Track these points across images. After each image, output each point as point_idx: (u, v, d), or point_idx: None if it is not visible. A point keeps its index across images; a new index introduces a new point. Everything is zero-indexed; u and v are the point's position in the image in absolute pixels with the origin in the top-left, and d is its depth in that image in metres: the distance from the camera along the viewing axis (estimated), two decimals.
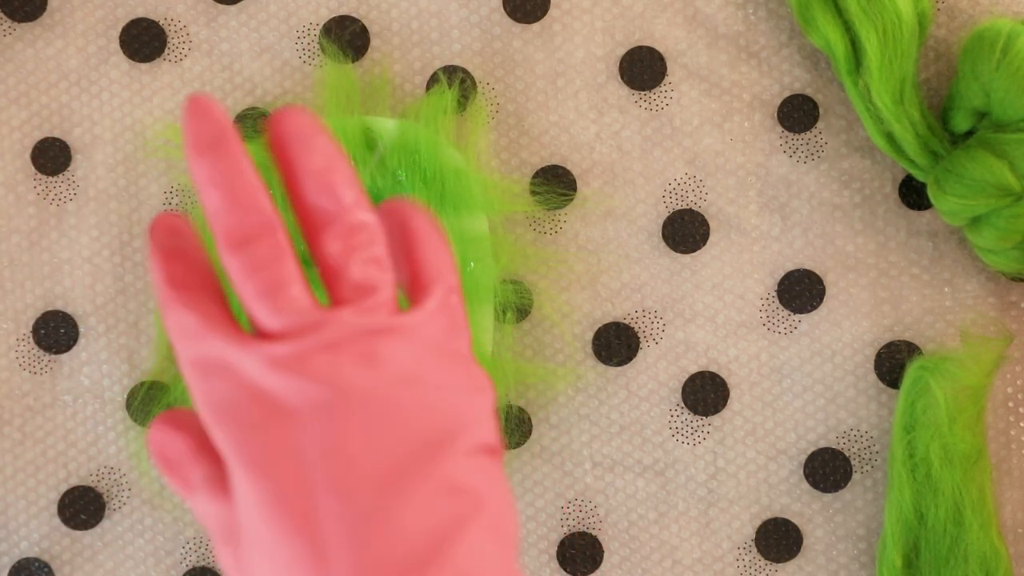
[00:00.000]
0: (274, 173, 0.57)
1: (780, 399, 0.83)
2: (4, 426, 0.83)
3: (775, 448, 0.83)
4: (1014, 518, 0.83)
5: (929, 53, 0.83)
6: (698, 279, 0.83)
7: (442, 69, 0.83)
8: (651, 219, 0.83)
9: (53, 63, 0.84)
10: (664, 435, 0.83)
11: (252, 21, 0.84)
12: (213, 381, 0.55)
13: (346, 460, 0.53)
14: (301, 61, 0.83)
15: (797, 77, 0.84)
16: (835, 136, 0.83)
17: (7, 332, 0.83)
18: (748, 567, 0.83)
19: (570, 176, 0.83)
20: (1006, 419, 0.83)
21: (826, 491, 0.83)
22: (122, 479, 0.83)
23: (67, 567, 0.83)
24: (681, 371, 0.83)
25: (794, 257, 0.83)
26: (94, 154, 0.83)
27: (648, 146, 0.84)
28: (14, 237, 0.83)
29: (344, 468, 0.53)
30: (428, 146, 0.81)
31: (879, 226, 0.83)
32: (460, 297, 0.58)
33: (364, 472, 0.53)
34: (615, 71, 0.84)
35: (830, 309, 0.83)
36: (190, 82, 0.83)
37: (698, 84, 0.83)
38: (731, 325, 0.83)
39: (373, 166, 0.80)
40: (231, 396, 0.54)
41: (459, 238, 0.81)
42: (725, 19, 0.83)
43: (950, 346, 0.83)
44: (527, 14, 0.83)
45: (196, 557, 0.83)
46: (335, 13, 0.83)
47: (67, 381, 0.83)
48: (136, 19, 0.83)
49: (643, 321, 0.83)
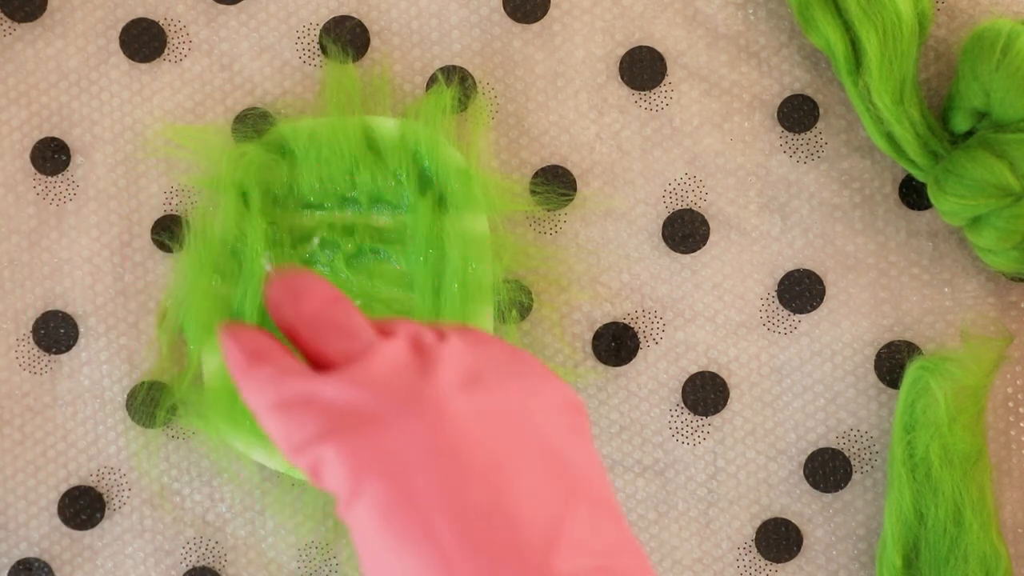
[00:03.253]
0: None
1: (780, 399, 0.83)
2: (4, 426, 0.83)
3: (775, 448, 0.83)
4: (1014, 518, 0.83)
5: (929, 53, 0.83)
6: (698, 279, 0.83)
7: (442, 69, 0.83)
8: (651, 219, 0.83)
9: (53, 63, 0.84)
10: (664, 435, 0.83)
11: (252, 21, 0.84)
12: (296, 415, 0.57)
13: (450, 456, 0.54)
14: (301, 61, 0.83)
15: (797, 77, 0.84)
16: (835, 136, 0.83)
17: (7, 332, 0.83)
18: (748, 567, 0.83)
19: (570, 176, 0.83)
20: (1006, 419, 0.83)
21: (826, 491, 0.83)
22: (122, 479, 0.83)
23: (67, 567, 0.83)
24: (681, 371, 0.83)
25: (794, 257, 0.83)
26: (94, 154, 0.83)
27: (648, 146, 0.84)
28: (14, 237, 0.83)
29: (449, 465, 0.54)
30: (428, 146, 0.81)
31: (879, 226, 0.83)
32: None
33: (470, 466, 0.54)
34: (615, 71, 0.84)
35: (830, 309, 0.83)
36: (190, 82, 0.83)
37: (698, 84, 0.83)
38: (731, 325, 0.83)
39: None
40: (318, 421, 0.56)
41: (460, 238, 0.81)
42: (725, 19, 0.83)
43: (950, 346, 0.83)
44: (527, 14, 0.83)
45: (196, 557, 0.83)
46: (335, 13, 0.83)
47: (67, 381, 0.83)
48: (136, 19, 0.83)
49: (643, 321, 0.83)
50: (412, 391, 0.56)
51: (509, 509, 0.54)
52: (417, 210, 0.81)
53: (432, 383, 0.56)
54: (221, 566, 0.83)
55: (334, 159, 0.81)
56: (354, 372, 0.57)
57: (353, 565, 0.82)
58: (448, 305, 0.81)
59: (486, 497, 0.54)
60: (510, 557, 0.53)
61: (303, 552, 0.82)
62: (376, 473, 0.55)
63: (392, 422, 0.55)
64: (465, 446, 0.55)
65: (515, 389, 0.57)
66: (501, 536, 0.53)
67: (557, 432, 0.57)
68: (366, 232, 0.81)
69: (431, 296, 0.81)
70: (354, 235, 0.81)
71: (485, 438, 0.55)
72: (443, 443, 0.55)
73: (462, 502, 0.54)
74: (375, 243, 0.82)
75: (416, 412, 0.55)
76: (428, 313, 0.81)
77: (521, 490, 0.54)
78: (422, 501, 0.54)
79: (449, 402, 0.56)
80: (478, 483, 0.54)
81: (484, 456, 0.55)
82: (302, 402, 0.57)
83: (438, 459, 0.54)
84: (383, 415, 0.55)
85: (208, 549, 0.83)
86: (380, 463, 0.55)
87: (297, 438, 0.56)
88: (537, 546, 0.53)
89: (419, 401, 0.56)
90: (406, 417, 0.55)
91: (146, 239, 0.83)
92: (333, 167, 0.81)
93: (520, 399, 0.57)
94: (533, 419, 0.57)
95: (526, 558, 0.53)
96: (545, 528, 0.54)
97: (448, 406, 0.56)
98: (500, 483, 0.54)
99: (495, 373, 0.57)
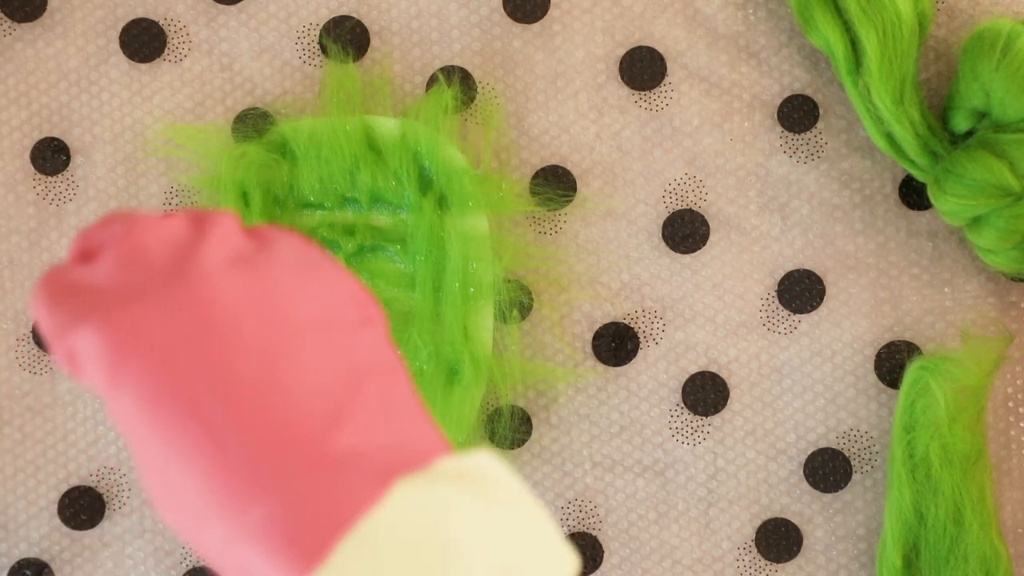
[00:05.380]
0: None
1: (780, 399, 0.83)
2: (4, 426, 0.83)
3: (775, 448, 0.83)
4: (1014, 518, 0.83)
5: (929, 53, 0.83)
6: (698, 279, 0.83)
7: (442, 69, 0.83)
8: (651, 219, 0.83)
9: (53, 63, 0.84)
10: (664, 435, 0.83)
11: (252, 21, 0.84)
12: (58, 302, 0.54)
13: (217, 334, 0.52)
14: (301, 61, 0.83)
15: (797, 77, 0.84)
16: (835, 136, 0.83)
17: (7, 332, 0.83)
18: (748, 567, 0.83)
19: (570, 176, 0.83)
20: (1006, 419, 0.83)
21: (826, 491, 0.83)
22: (122, 479, 0.83)
23: (67, 567, 0.83)
24: (681, 371, 0.83)
25: (794, 257, 0.83)
26: (94, 154, 0.83)
27: (648, 146, 0.84)
28: (14, 237, 0.83)
29: (217, 343, 0.52)
30: (429, 146, 0.81)
31: (879, 226, 0.83)
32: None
33: (240, 345, 0.52)
34: (615, 71, 0.84)
35: (830, 309, 0.83)
36: (190, 82, 0.83)
37: (698, 84, 0.83)
38: (731, 325, 0.83)
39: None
40: (77, 302, 0.53)
41: (460, 238, 0.81)
42: (725, 19, 0.83)
43: (950, 346, 0.83)
44: (527, 14, 0.83)
45: (196, 557, 0.82)
46: (335, 13, 0.83)
47: (67, 381, 0.83)
48: (136, 19, 0.83)
49: (643, 321, 0.83)
50: (176, 268, 0.53)
51: (283, 387, 0.52)
52: (418, 210, 0.81)
53: (198, 261, 0.53)
54: None
55: (334, 159, 0.81)
56: (118, 251, 0.54)
57: None
58: (448, 304, 0.81)
59: (257, 376, 0.52)
60: (285, 433, 0.51)
61: None
62: (137, 353, 0.52)
63: (154, 299, 0.53)
64: (234, 324, 0.52)
65: (295, 275, 0.55)
66: (275, 414, 0.51)
67: (343, 322, 0.54)
68: (366, 232, 0.82)
69: (431, 295, 0.81)
70: (354, 235, 0.81)
71: (256, 317, 0.53)
72: (209, 320, 0.52)
73: (231, 380, 0.52)
74: (376, 242, 0.82)
75: (180, 289, 0.53)
76: (428, 312, 0.81)
77: (298, 370, 0.52)
78: (188, 380, 0.52)
79: (215, 279, 0.53)
80: (248, 361, 0.52)
81: (255, 335, 0.52)
82: (63, 287, 0.54)
83: (204, 337, 0.52)
84: (145, 293, 0.53)
85: None
86: (142, 342, 0.52)
87: (55, 324, 0.54)
88: (315, 423, 0.51)
89: (182, 278, 0.53)
90: (169, 294, 0.53)
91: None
92: (333, 167, 0.81)
93: (299, 285, 0.54)
94: (313, 304, 0.54)
95: (301, 434, 0.51)
96: (324, 407, 0.52)
97: (214, 283, 0.53)
98: (274, 362, 0.52)
99: (275, 260, 0.55)
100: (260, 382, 0.52)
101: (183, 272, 0.53)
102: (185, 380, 0.52)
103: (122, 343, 0.52)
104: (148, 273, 0.53)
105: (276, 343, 0.53)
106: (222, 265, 0.53)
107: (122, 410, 0.52)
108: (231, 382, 0.52)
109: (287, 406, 0.52)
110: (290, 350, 0.53)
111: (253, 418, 0.51)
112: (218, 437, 0.51)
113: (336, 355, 0.53)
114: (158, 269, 0.53)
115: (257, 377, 0.52)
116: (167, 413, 0.52)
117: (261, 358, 0.52)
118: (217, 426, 0.51)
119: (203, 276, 0.53)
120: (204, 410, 0.51)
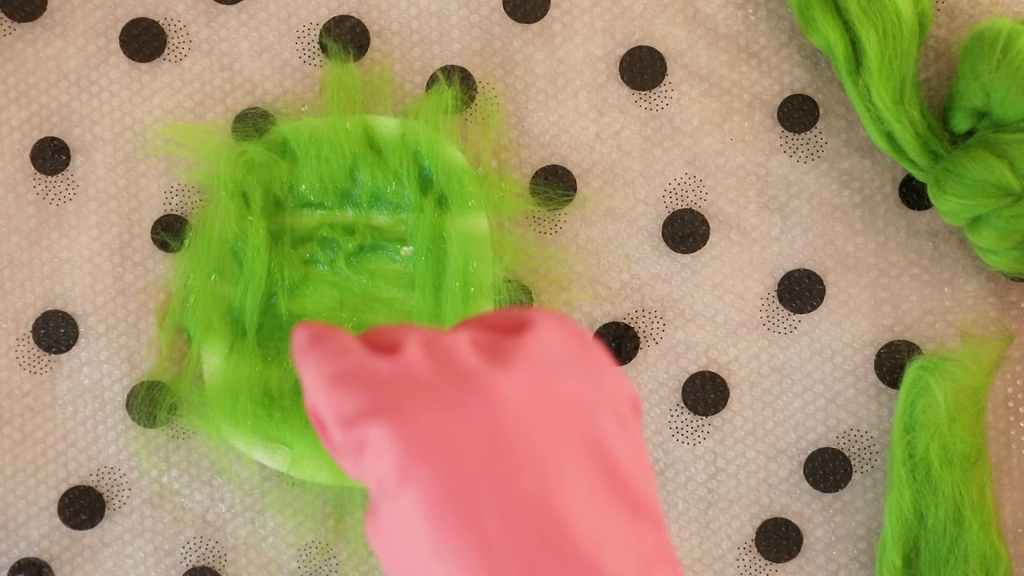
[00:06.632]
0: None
1: (780, 399, 0.83)
2: (4, 426, 0.83)
3: (775, 448, 0.83)
4: (1014, 518, 0.83)
5: (929, 53, 0.83)
6: (698, 279, 0.83)
7: (442, 69, 0.83)
8: (651, 219, 0.83)
9: (53, 63, 0.84)
10: (664, 435, 0.83)
11: (252, 21, 0.84)
12: (351, 387, 0.55)
13: (503, 444, 0.52)
14: (301, 61, 0.83)
15: (797, 77, 0.84)
16: (835, 136, 0.83)
17: (7, 332, 0.83)
18: (748, 567, 0.83)
19: (570, 176, 0.83)
20: (1006, 419, 0.83)
21: (826, 491, 0.83)
22: (122, 479, 0.83)
23: (67, 567, 0.83)
24: (681, 371, 0.83)
25: (794, 257, 0.83)
26: (94, 154, 0.83)
27: (648, 146, 0.84)
28: (14, 237, 0.83)
29: (501, 453, 0.52)
30: (429, 145, 0.81)
31: (879, 226, 0.83)
32: None
33: (521, 456, 0.52)
34: (615, 71, 0.84)
35: (830, 309, 0.83)
36: (190, 82, 0.83)
37: (698, 84, 0.83)
38: (731, 325, 0.83)
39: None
40: (372, 393, 0.54)
41: (460, 237, 0.81)
42: (725, 19, 0.83)
43: (950, 346, 0.83)
44: (527, 14, 0.83)
45: (196, 557, 0.83)
46: (335, 13, 0.83)
47: (67, 381, 0.83)
48: (136, 19, 0.83)
49: (643, 321, 0.83)
50: (472, 374, 0.54)
51: (555, 503, 0.52)
52: (418, 210, 0.81)
53: (493, 368, 0.54)
54: (221, 566, 0.83)
55: (334, 158, 0.81)
56: (413, 352, 0.55)
57: (353, 564, 0.82)
58: (449, 304, 0.81)
59: (533, 489, 0.52)
60: (555, 552, 0.51)
61: (303, 552, 0.82)
62: (429, 455, 0.52)
63: (448, 404, 0.53)
64: (518, 435, 0.53)
65: (577, 380, 0.55)
66: (546, 530, 0.52)
67: (611, 431, 0.55)
68: (366, 231, 0.82)
69: (432, 296, 0.81)
70: (354, 234, 0.81)
71: (539, 429, 0.53)
72: (496, 430, 0.53)
73: (510, 492, 0.52)
74: (376, 241, 0.82)
75: (473, 396, 0.53)
76: (428, 312, 0.81)
77: (569, 485, 0.52)
78: (471, 488, 0.52)
79: (507, 389, 0.54)
80: (527, 474, 0.52)
81: (535, 447, 0.53)
82: (358, 375, 0.54)
83: (490, 446, 0.52)
84: (440, 396, 0.53)
85: (208, 549, 0.83)
86: (432, 447, 0.52)
87: (348, 410, 0.54)
88: (584, 543, 0.52)
89: (477, 385, 0.53)
90: (463, 400, 0.53)
91: (146, 239, 0.83)
92: (333, 166, 0.81)
93: (581, 392, 0.55)
94: (590, 414, 0.54)
95: (571, 554, 0.51)
96: (590, 526, 0.52)
97: (506, 392, 0.53)
98: (548, 476, 0.52)
99: (560, 363, 0.55)
100: (534, 496, 0.52)
101: (478, 379, 0.54)
102: (469, 487, 0.52)
103: (417, 443, 0.53)
104: (443, 375, 0.54)
105: (553, 456, 0.53)
106: (515, 374, 0.54)
107: (403, 508, 0.53)
108: (510, 495, 0.52)
109: (557, 522, 0.52)
110: (563, 464, 0.53)
111: (525, 533, 0.51)
112: (490, 551, 0.51)
113: (602, 472, 0.54)
114: (455, 372, 0.54)
115: (532, 491, 0.52)
116: (450, 519, 0.52)
117: (538, 471, 0.52)
118: (492, 539, 0.51)
119: (497, 386, 0.54)
120: (482, 521, 0.52)
